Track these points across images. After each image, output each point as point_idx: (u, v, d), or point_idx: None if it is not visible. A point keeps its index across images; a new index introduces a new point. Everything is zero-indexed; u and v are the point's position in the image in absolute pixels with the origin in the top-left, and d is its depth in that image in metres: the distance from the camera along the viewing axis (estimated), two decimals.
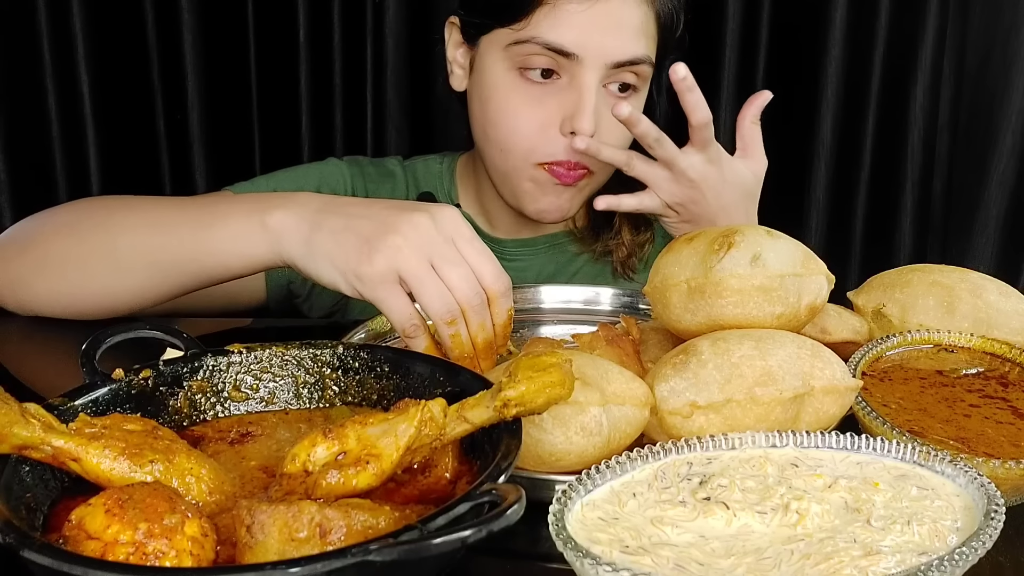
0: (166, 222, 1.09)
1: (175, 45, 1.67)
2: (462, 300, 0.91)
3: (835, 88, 1.67)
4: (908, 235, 1.72)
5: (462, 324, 0.92)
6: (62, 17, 1.64)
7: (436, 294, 0.91)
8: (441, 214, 0.94)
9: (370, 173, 1.41)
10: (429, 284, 0.91)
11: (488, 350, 0.94)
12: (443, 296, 0.91)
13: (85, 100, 1.68)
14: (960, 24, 1.66)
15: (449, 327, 0.91)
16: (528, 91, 1.23)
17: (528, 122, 1.23)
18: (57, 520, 0.64)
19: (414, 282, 0.91)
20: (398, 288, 0.92)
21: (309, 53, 1.68)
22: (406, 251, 0.91)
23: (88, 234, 1.11)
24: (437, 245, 0.92)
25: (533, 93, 1.23)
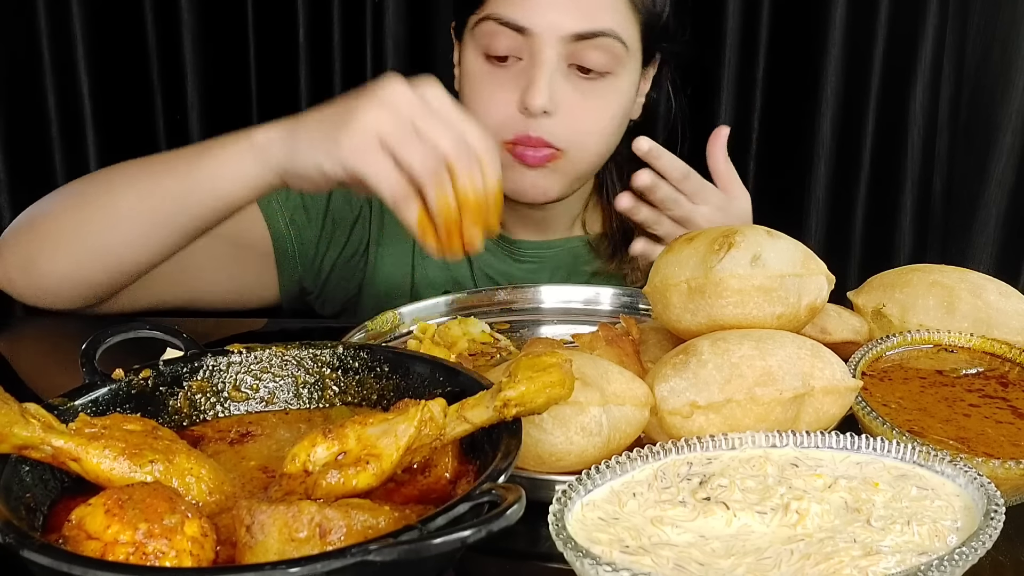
0: (160, 166, 1.09)
1: (175, 45, 1.67)
2: (448, 154, 0.89)
3: (835, 88, 1.67)
4: (908, 235, 1.72)
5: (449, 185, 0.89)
6: (62, 17, 1.64)
7: (419, 150, 0.89)
8: (420, 82, 0.93)
9: None
10: (409, 142, 0.89)
11: (479, 211, 0.91)
12: (427, 151, 0.89)
13: (85, 100, 1.68)
14: (960, 23, 1.66)
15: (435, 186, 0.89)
16: (493, 75, 1.22)
17: (491, 104, 1.22)
18: (57, 520, 0.64)
19: (395, 142, 0.89)
20: (381, 153, 0.90)
21: (309, 53, 1.68)
22: (384, 114, 0.90)
23: (91, 198, 1.11)
24: (416, 107, 0.91)
25: (497, 76, 1.22)
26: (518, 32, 1.19)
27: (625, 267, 1.38)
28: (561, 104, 1.20)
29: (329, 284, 1.37)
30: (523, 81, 1.20)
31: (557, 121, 1.21)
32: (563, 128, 1.22)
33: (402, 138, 0.90)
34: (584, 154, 1.26)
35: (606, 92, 1.24)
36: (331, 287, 1.37)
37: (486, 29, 1.21)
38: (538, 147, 1.22)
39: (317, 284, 1.36)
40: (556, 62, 1.19)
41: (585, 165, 1.28)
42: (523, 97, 1.19)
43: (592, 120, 1.23)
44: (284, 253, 1.32)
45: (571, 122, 1.22)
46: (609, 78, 1.23)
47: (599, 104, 1.24)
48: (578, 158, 1.26)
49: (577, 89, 1.22)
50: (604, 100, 1.24)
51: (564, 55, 1.20)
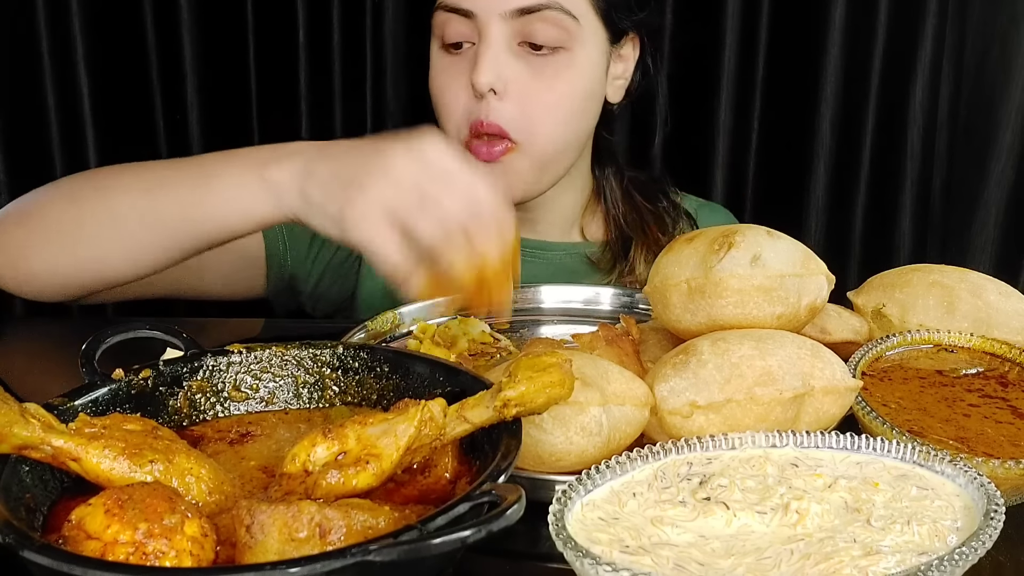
0: (163, 182, 1.06)
1: (175, 45, 1.67)
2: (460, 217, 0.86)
3: (835, 88, 1.67)
4: (908, 235, 1.72)
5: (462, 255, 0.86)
6: (62, 17, 1.64)
7: (429, 218, 0.85)
8: (424, 145, 0.90)
9: None
10: (420, 211, 0.86)
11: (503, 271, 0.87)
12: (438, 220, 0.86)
13: (85, 100, 1.68)
14: (959, 22, 1.66)
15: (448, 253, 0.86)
16: (450, 64, 1.21)
17: (448, 92, 1.21)
18: (57, 520, 0.64)
19: (403, 214, 0.86)
20: (386, 229, 0.87)
21: (309, 53, 1.68)
22: (388, 188, 0.87)
23: (85, 200, 1.08)
24: (421, 174, 0.88)
25: (454, 65, 1.21)
26: (465, 16, 1.18)
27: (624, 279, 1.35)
28: (511, 83, 1.17)
29: (322, 285, 1.35)
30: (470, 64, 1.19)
31: (509, 102, 1.18)
32: (516, 109, 1.18)
33: (410, 209, 0.87)
34: (542, 140, 1.21)
35: (559, 68, 1.20)
36: (324, 288, 1.35)
37: (439, 19, 1.20)
38: (492, 137, 1.18)
39: (309, 284, 1.34)
40: (504, 40, 1.17)
41: (547, 152, 1.23)
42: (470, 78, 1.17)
43: (546, 99, 1.19)
44: (274, 249, 1.31)
45: (524, 102, 1.18)
46: (562, 53, 1.20)
47: (552, 81, 1.20)
48: (537, 146, 1.21)
49: (529, 66, 1.19)
50: (558, 77, 1.20)
51: (512, 33, 1.17)
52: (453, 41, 1.20)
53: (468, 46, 1.20)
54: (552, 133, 1.22)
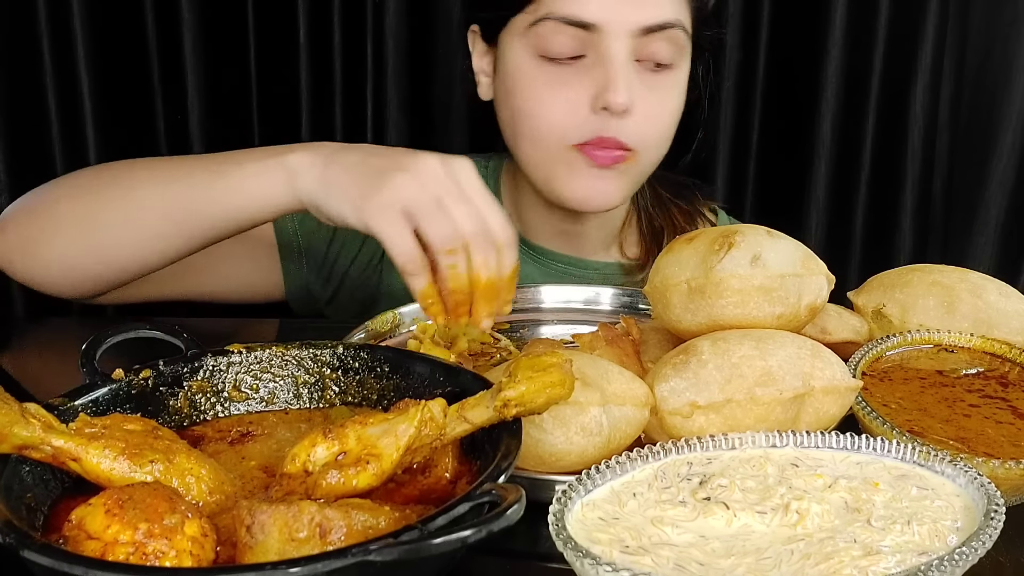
0: (181, 172, 1.07)
1: (175, 45, 1.67)
2: (467, 234, 0.90)
3: (835, 88, 1.67)
4: (908, 235, 1.72)
5: (462, 259, 0.90)
6: (62, 17, 1.64)
7: (439, 224, 0.89)
8: (453, 161, 0.93)
9: None
10: (432, 215, 0.89)
11: (490, 292, 0.91)
12: (446, 227, 0.89)
13: (85, 100, 1.68)
14: (960, 23, 1.66)
15: (449, 256, 0.89)
16: (553, 74, 1.17)
17: (556, 105, 1.17)
18: (57, 520, 0.64)
19: (419, 213, 0.90)
20: (402, 220, 0.90)
21: (309, 53, 1.68)
22: (414, 186, 0.90)
23: (101, 191, 1.08)
24: (445, 185, 0.91)
25: (559, 75, 1.17)
26: (583, 29, 1.14)
27: None
28: (635, 102, 1.16)
29: (342, 291, 1.34)
30: (591, 79, 1.15)
31: (631, 121, 1.17)
32: (636, 126, 1.17)
33: (426, 210, 0.90)
34: (651, 153, 1.23)
35: (670, 85, 1.21)
36: (344, 295, 1.34)
37: (545, 30, 1.16)
38: (610, 148, 1.18)
39: (328, 290, 1.33)
40: (627, 57, 1.15)
41: (649, 165, 1.25)
42: (602, 96, 1.14)
43: (661, 115, 1.20)
44: (290, 256, 1.30)
45: (643, 119, 1.18)
46: (671, 71, 1.20)
47: (664, 98, 1.20)
48: (645, 158, 1.22)
49: (645, 84, 1.17)
50: (669, 93, 1.21)
51: (633, 49, 1.15)
52: (565, 54, 1.16)
53: (576, 58, 1.17)
54: (660, 147, 1.24)
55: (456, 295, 0.90)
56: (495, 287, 0.91)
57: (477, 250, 0.90)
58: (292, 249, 1.31)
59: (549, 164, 1.21)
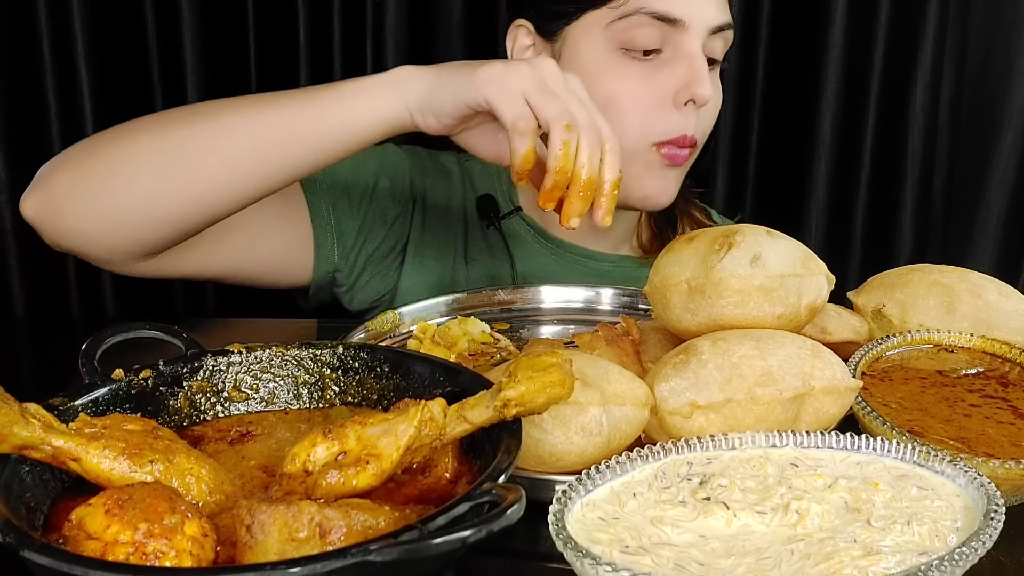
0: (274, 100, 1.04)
1: (175, 44, 1.67)
2: (579, 121, 0.92)
3: (835, 88, 1.67)
4: (908, 235, 1.72)
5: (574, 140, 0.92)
6: (62, 17, 1.64)
7: (556, 103, 0.92)
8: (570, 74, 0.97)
9: (427, 166, 1.38)
10: (551, 96, 0.92)
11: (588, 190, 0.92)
12: (563, 106, 0.92)
13: (85, 100, 1.68)
14: (960, 23, 1.66)
15: (565, 132, 0.91)
16: (636, 69, 1.20)
17: (640, 101, 1.20)
18: (57, 520, 0.64)
19: (533, 92, 0.92)
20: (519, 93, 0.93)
21: (309, 53, 1.68)
22: (532, 75, 0.94)
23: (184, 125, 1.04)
24: (561, 83, 0.94)
25: (641, 71, 1.20)
26: (668, 24, 1.18)
27: None
28: None
29: (361, 279, 1.33)
30: (672, 73, 1.19)
31: (701, 114, 1.21)
32: (703, 120, 1.22)
33: (541, 91, 0.93)
34: (700, 149, 1.26)
35: (718, 81, 1.26)
36: (362, 283, 1.33)
37: (629, 24, 1.18)
38: (686, 146, 1.21)
39: (350, 278, 1.32)
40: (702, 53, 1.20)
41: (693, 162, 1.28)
42: (688, 88, 1.18)
43: (715, 112, 1.25)
44: (323, 237, 1.29)
45: (708, 114, 1.23)
46: (718, 68, 1.25)
47: (718, 92, 1.26)
48: (696, 154, 1.26)
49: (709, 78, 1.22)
50: (718, 89, 1.26)
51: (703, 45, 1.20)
52: (650, 47, 1.19)
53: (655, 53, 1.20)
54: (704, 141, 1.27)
55: (558, 176, 0.92)
56: (593, 186, 0.93)
57: (586, 140, 0.92)
58: (325, 232, 1.29)
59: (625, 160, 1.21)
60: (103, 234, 1.05)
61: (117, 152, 1.04)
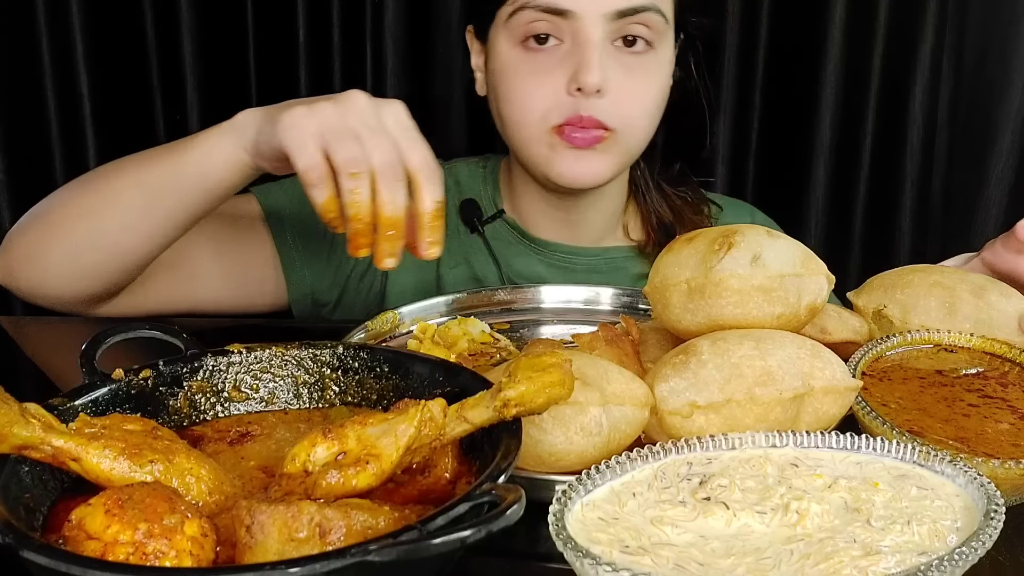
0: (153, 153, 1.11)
1: (175, 45, 1.67)
2: (375, 165, 0.90)
3: (835, 88, 1.67)
4: (907, 234, 1.72)
5: (365, 186, 0.90)
6: (62, 17, 1.64)
7: (347, 147, 0.90)
8: (386, 102, 0.96)
9: None
10: (344, 140, 0.90)
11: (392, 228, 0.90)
12: (354, 151, 0.90)
13: (85, 100, 1.68)
14: (959, 22, 1.66)
15: (351, 179, 0.89)
16: (533, 61, 1.22)
17: (536, 90, 1.21)
18: (57, 520, 0.64)
19: (330, 136, 0.91)
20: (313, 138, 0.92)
21: (309, 53, 1.68)
22: (333, 114, 0.92)
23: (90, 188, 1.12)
24: (367, 119, 0.92)
25: (538, 62, 1.21)
26: (559, 16, 1.18)
27: None
28: (611, 82, 1.19)
29: (346, 296, 1.35)
30: (569, 63, 1.19)
31: (608, 100, 1.20)
32: (613, 107, 1.21)
33: (338, 135, 0.91)
34: (634, 132, 1.25)
35: (650, 66, 1.24)
36: (347, 299, 1.35)
37: (523, 18, 1.20)
38: (588, 128, 1.21)
39: (332, 296, 1.34)
40: (602, 40, 1.19)
41: (634, 145, 1.27)
42: (575, 77, 1.18)
43: (640, 96, 1.23)
44: (291, 265, 1.31)
45: (620, 100, 1.21)
46: (651, 53, 1.24)
47: (645, 79, 1.24)
48: (628, 137, 1.25)
49: (622, 65, 1.21)
50: (649, 75, 1.24)
51: (609, 32, 1.19)
52: (543, 41, 1.20)
53: (554, 43, 1.21)
54: (644, 128, 1.27)
55: (356, 223, 0.90)
56: (398, 225, 0.90)
57: (383, 182, 0.90)
58: (291, 254, 1.31)
59: (534, 146, 1.25)
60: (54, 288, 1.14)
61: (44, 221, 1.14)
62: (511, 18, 1.22)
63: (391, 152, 0.91)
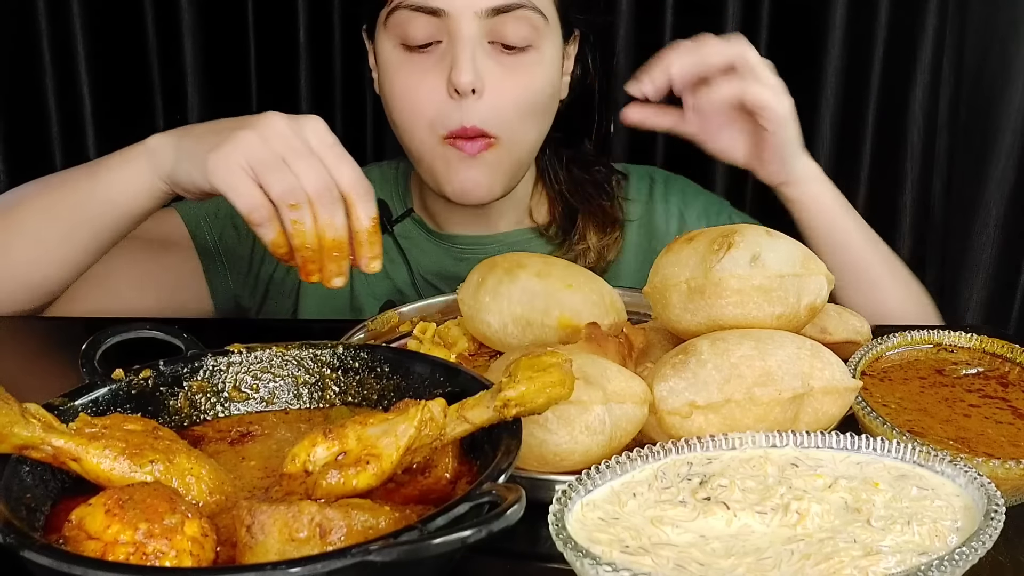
0: (62, 178, 1.09)
1: (175, 45, 1.67)
2: (310, 191, 0.90)
3: (835, 88, 1.67)
4: (907, 234, 1.71)
5: (307, 215, 0.90)
6: (62, 17, 1.64)
7: (280, 178, 0.90)
8: (303, 120, 0.95)
9: None
10: (275, 170, 0.90)
11: (337, 250, 0.91)
12: (288, 181, 0.90)
13: (85, 100, 1.68)
14: (959, 23, 1.65)
15: (292, 211, 0.90)
16: (413, 63, 1.20)
17: (419, 94, 1.20)
18: (57, 520, 0.64)
19: (259, 167, 0.90)
20: (246, 175, 0.91)
21: (309, 53, 1.68)
22: (257, 142, 0.92)
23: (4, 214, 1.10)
24: (291, 141, 0.92)
25: (418, 64, 1.19)
26: (433, 15, 1.16)
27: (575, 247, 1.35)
28: (487, 81, 1.17)
29: (268, 300, 1.35)
30: (446, 63, 1.18)
31: (486, 102, 1.18)
32: (493, 108, 1.19)
33: (268, 165, 0.91)
34: (516, 136, 1.23)
35: (530, 66, 1.21)
36: (270, 303, 1.35)
37: (399, 19, 1.18)
38: (474, 137, 1.19)
39: (255, 299, 1.34)
40: (476, 39, 1.17)
41: (522, 150, 1.25)
42: (449, 77, 1.16)
43: (517, 96, 1.20)
44: (213, 270, 1.31)
45: (499, 101, 1.19)
46: (531, 52, 1.21)
47: (525, 79, 1.21)
48: (514, 142, 1.23)
49: (501, 64, 1.19)
50: (530, 75, 1.21)
51: (484, 31, 1.17)
52: (420, 41, 1.18)
53: (433, 44, 1.19)
54: (529, 130, 1.24)
55: (304, 252, 0.90)
56: (342, 245, 0.91)
57: (321, 207, 0.90)
58: (215, 263, 1.32)
59: (428, 158, 1.23)
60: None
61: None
62: (389, 18, 1.20)
63: (322, 174, 0.91)
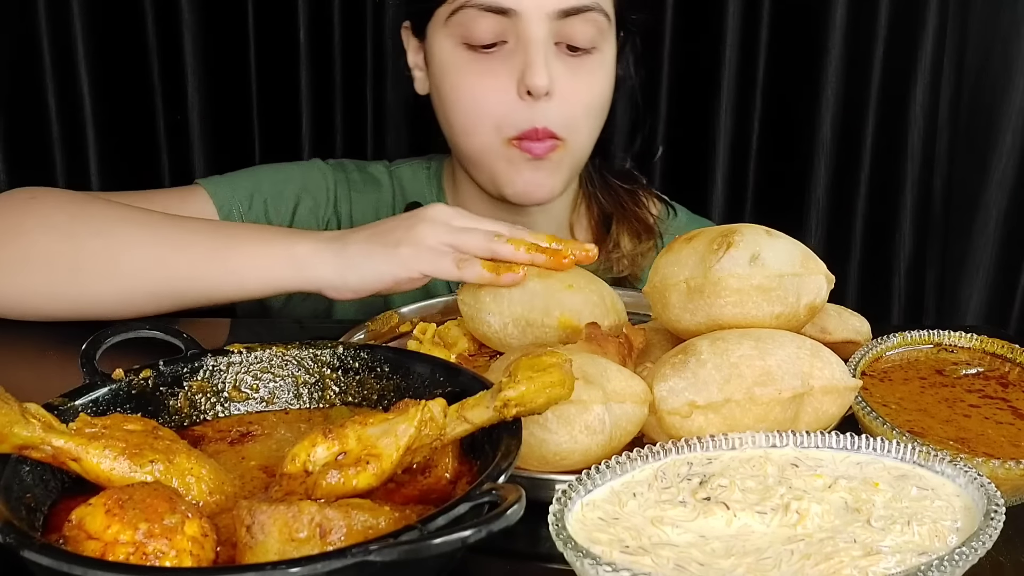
0: (176, 242, 1.05)
1: (175, 45, 1.67)
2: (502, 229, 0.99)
3: (835, 88, 1.67)
4: (908, 235, 1.71)
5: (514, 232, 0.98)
6: (62, 17, 1.64)
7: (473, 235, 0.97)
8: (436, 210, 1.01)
9: (355, 180, 1.37)
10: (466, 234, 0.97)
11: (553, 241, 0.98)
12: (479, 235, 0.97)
13: (85, 101, 1.68)
14: (960, 23, 1.66)
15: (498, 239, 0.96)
16: (478, 63, 1.18)
17: (485, 94, 1.18)
18: (57, 520, 0.64)
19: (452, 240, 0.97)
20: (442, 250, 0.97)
21: (309, 53, 1.68)
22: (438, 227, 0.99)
23: (85, 240, 1.05)
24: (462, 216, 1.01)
25: (483, 64, 1.18)
26: (501, 15, 1.15)
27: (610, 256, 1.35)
28: (557, 84, 1.17)
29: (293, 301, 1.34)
30: (513, 65, 1.17)
31: (555, 104, 1.17)
32: (562, 111, 1.18)
33: (456, 235, 0.98)
34: (580, 139, 1.23)
35: (595, 68, 1.21)
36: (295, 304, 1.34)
37: (464, 18, 1.17)
38: (543, 139, 1.19)
39: (279, 300, 1.33)
40: (546, 40, 1.16)
41: (581, 152, 1.25)
42: (523, 79, 1.15)
43: (584, 98, 1.20)
44: None
45: (567, 103, 1.18)
46: (595, 53, 1.20)
47: (589, 81, 1.21)
48: (575, 145, 1.23)
49: (567, 66, 1.18)
50: (594, 77, 1.21)
51: (552, 32, 1.16)
52: (485, 41, 1.17)
53: (498, 45, 1.17)
54: (590, 132, 1.24)
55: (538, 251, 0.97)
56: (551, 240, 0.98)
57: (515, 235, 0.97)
58: None
59: (490, 159, 1.23)
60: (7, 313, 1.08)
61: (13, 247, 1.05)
62: (452, 17, 1.18)
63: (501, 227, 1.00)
